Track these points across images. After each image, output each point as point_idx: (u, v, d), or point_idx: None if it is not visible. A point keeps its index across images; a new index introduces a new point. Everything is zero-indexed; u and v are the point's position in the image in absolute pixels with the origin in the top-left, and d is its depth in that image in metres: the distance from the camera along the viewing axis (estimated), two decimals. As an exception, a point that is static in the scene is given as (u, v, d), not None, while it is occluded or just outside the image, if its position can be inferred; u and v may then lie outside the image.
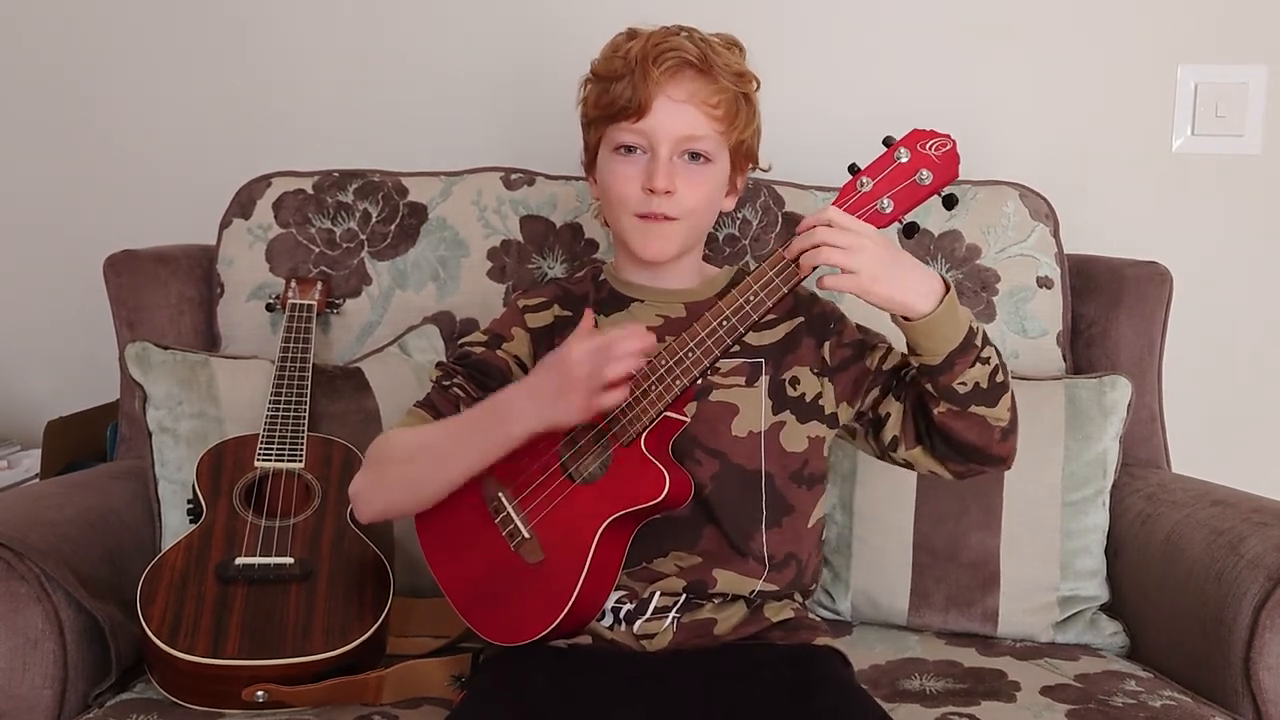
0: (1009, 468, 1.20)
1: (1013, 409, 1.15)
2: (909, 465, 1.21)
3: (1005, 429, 1.15)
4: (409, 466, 1.19)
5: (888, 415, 1.20)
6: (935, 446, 1.17)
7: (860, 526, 1.49)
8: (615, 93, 1.19)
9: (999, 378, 1.12)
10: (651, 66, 1.17)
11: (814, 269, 1.06)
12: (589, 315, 1.13)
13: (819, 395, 1.22)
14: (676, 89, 1.18)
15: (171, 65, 1.98)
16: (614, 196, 1.22)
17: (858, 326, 1.26)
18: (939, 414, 1.14)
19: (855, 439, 1.26)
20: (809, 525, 1.23)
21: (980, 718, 1.22)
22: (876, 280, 1.04)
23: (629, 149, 1.21)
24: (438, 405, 1.23)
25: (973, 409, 1.12)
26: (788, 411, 1.21)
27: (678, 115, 1.19)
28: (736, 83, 1.21)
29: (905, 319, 1.08)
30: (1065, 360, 1.64)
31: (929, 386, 1.13)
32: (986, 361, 1.11)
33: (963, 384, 1.10)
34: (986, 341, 1.12)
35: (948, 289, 1.07)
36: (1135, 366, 1.61)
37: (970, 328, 1.09)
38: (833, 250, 1.03)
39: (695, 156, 1.21)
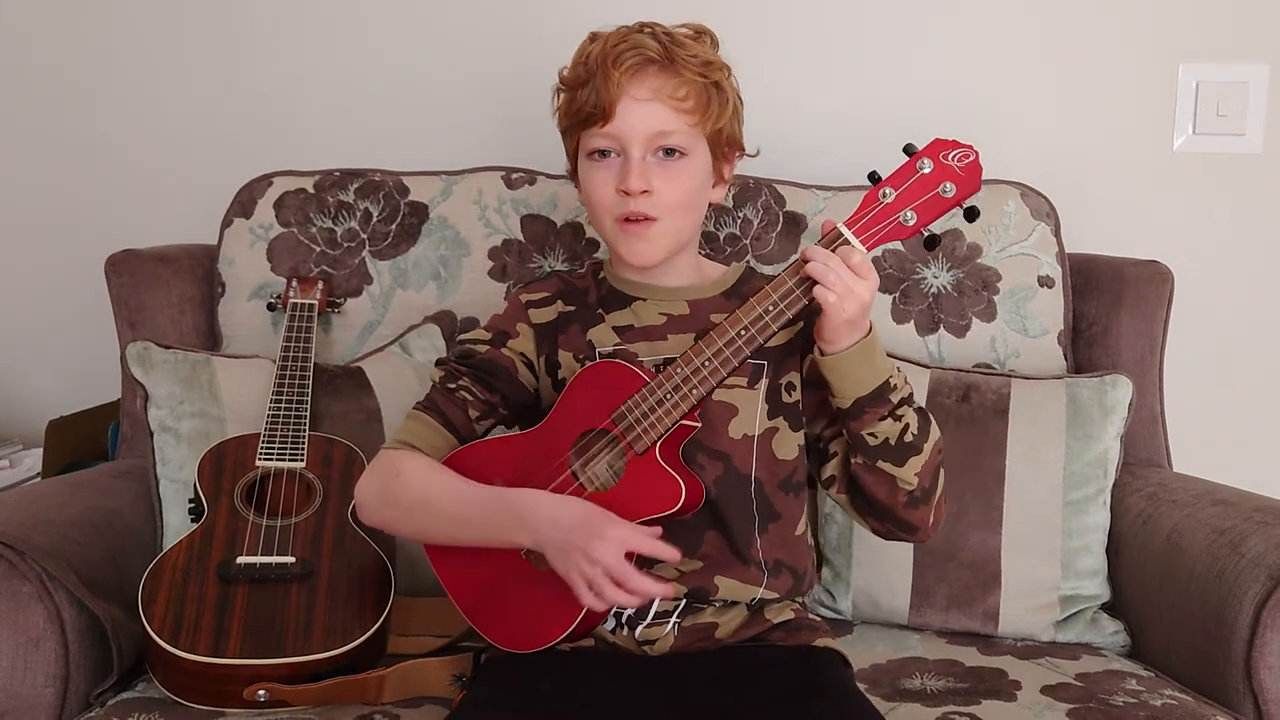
0: (924, 540, 1.21)
1: (925, 478, 1.14)
2: (839, 506, 1.23)
3: (913, 495, 1.15)
4: (416, 516, 1.19)
5: (834, 454, 1.21)
6: (854, 499, 1.19)
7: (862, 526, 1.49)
8: (581, 99, 1.18)
9: (908, 439, 1.12)
10: (611, 69, 1.16)
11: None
12: (670, 550, 1.06)
13: (802, 402, 1.23)
14: (639, 88, 1.17)
15: (172, 65, 1.98)
16: (593, 202, 1.22)
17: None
18: (854, 464, 1.15)
19: (808, 458, 1.26)
20: (796, 533, 1.23)
21: (981, 717, 1.22)
22: (842, 320, 1.05)
23: (602, 153, 1.20)
24: (445, 410, 1.22)
25: (880, 464, 1.13)
26: (781, 418, 1.21)
27: (644, 114, 1.17)
28: (704, 72, 1.18)
29: (821, 352, 1.09)
30: (1066, 359, 1.64)
31: (845, 431, 1.14)
32: (899, 419, 1.11)
33: (872, 435, 1.12)
34: (907, 404, 1.12)
35: (868, 334, 1.09)
36: (1136, 366, 1.61)
37: (888, 382, 1.10)
38: (827, 292, 1.04)
39: (670, 152, 1.19)
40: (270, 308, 1.65)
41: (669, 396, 1.10)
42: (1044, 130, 1.85)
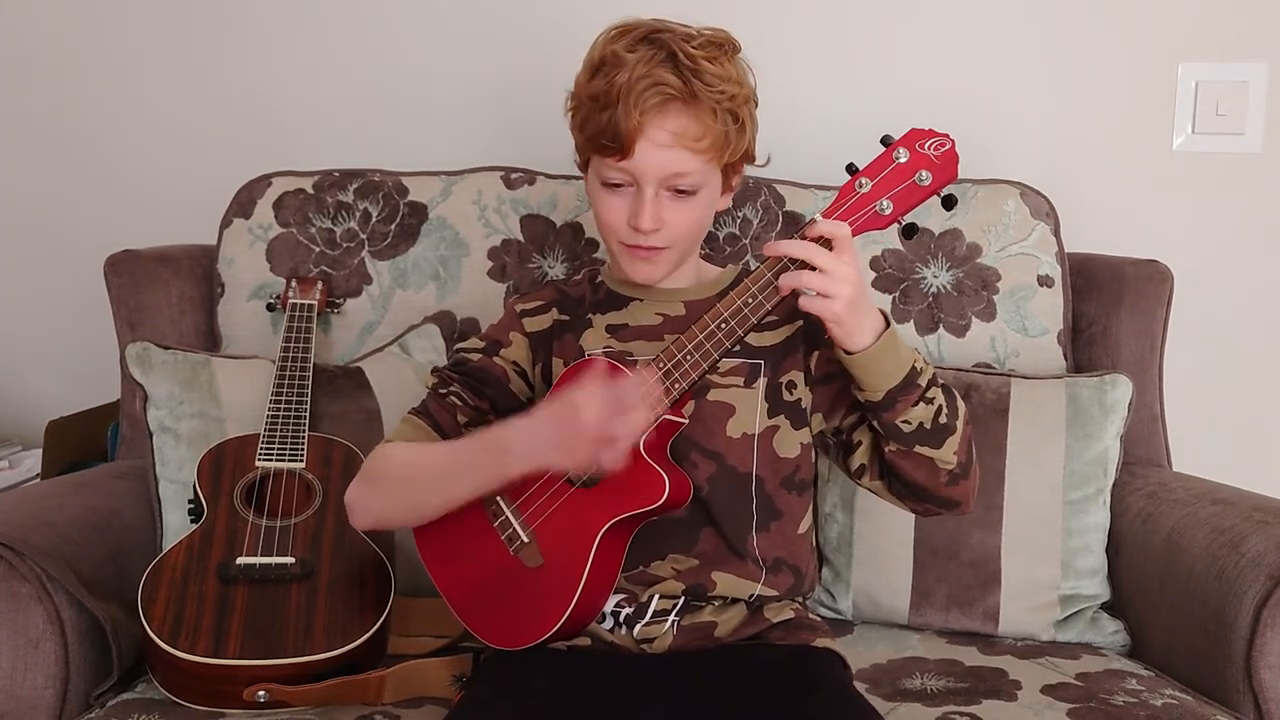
0: (965, 512, 1.20)
1: (963, 453, 1.14)
2: (874, 493, 1.22)
3: (953, 473, 1.14)
4: (404, 488, 1.19)
5: (859, 443, 1.19)
6: (892, 483, 1.18)
7: (861, 525, 1.49)
8: (598, 124, 1.15)
9: (943, 419, 1.11)
10: (632, 107, 1.12)
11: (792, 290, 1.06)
12: (600, 363, 1.09)
13: (804, 400, 1.22)
14: (658, 130, 1.14)
15: (172, 66, 1.98)
16: (602, 223, 1.22)
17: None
18: (889, 452, 1.14)
19: (828, 454, 1.26)
20: (799, 532, 1.22)
21: (981, 717, 1.21)
22: (846, 312, 1.05)
23: (616, 182, 1.19)
24: (434, 414, 1.23)
25: (918, 449, 1.12)
26: (782, 416, 1.21)
27: (661, 157, 1.15)
28: (728, 107, 1.15)
29: (846, 352, 1.08)
30: (1066, 359, 1.64)
31: (876, 424, 1.13)
32: (930, 402, 1.11)
33: (906, 423, 1.10)
34: (934, 384, 1.11)
35: (888, 325, 1.08)
36: (1136, 365, 1.61)
37: (914, 367, 1.10)
38: (813, 276, 1.04)
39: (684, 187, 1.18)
40: (270, 308, 1.65)
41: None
42: (1044, 130, 1.85)
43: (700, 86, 1.13)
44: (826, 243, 1.05)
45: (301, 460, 1.40)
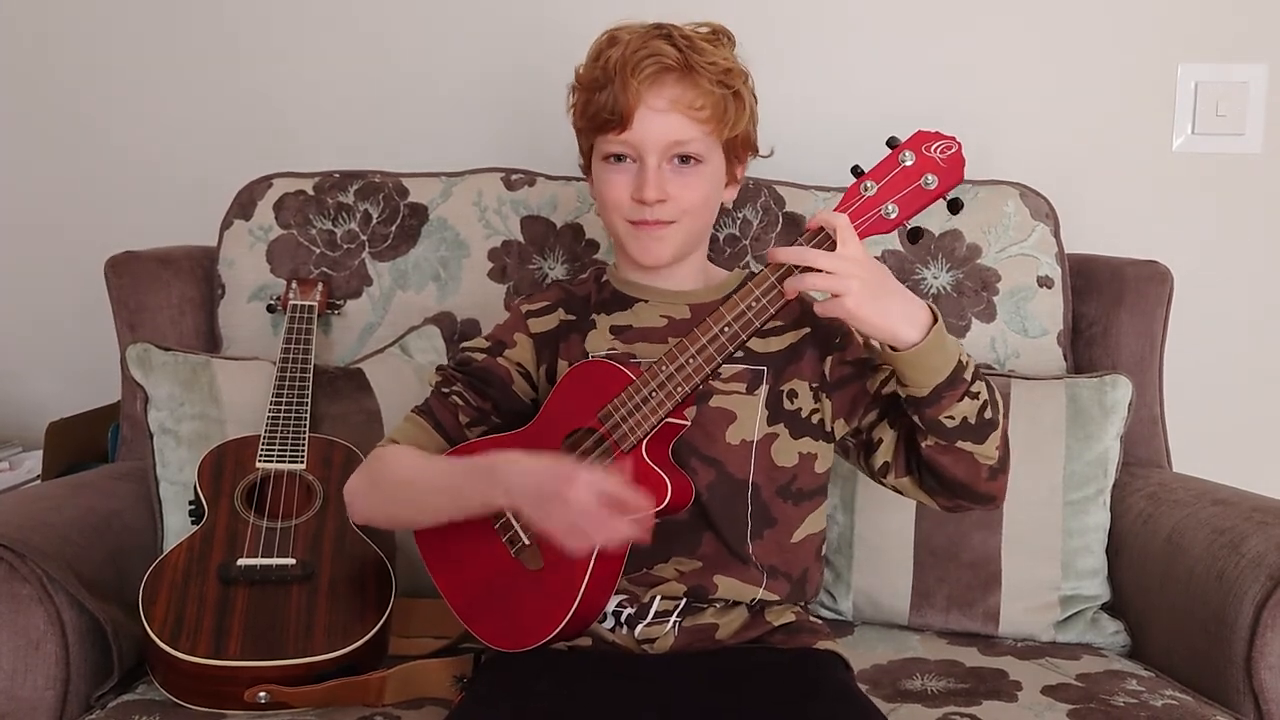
0: (998, 507, 1.18)
1: (1003, 447, 1.13)
2: (899, 492, 1.20)
3: (994, 468, 1.13)
4: (400, 495, 1.19)
5: (880, 441, 1.19)
6: (924, 479, 1.17)
7: (861, 526, 1.49)
8: (598, 103, 1.18)
9: (988, 414, 1.10)
10: (630, 77, 1.15)
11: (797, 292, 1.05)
12: (641, 500, 1.01)
13: (815, 411, 1.21)
14: (657, 98, 1.16)
15: (172, 66, 1.98)
16: (607, 203, 1.22)
17: (865, 344, 1.20)
18: (926, 447, 1.12)
19: (849, 457, 1.25)
20: (792, 540, 1.21)
21: (982, 718, 1.22)
22: (862, 306, 1.03)
23: (618, 157, 1.20)
24: (436, 413, 1.23)
25: (960, 444, 1.11)
26: (782, 424, 1.20)
27: (661, 124, 1.16)
28: (723, 79, 1.18)
29: (891, 349, 1.06)
30: (1066, 360, 1.64)
31: (916, 419, 1.11)
32: (975, 396, 1.09)
33: (950, 418, 1.09)
34: (977, 376, 1.10)
35: (935, 319, 1.06)
36: (1136, 366, 1.61)
37: (960, 361, 1.08)
38: (818, 276, 1.03)
39: (685, 159, 1.19)
40: (270, 309, 1.65)
41: (654, 394, 1.09)
42: (1044, 130, 1.85)
43: (696, 58, 1.16)
44: (829, 239, 1.05)
45: (302, 461, 1.40)
